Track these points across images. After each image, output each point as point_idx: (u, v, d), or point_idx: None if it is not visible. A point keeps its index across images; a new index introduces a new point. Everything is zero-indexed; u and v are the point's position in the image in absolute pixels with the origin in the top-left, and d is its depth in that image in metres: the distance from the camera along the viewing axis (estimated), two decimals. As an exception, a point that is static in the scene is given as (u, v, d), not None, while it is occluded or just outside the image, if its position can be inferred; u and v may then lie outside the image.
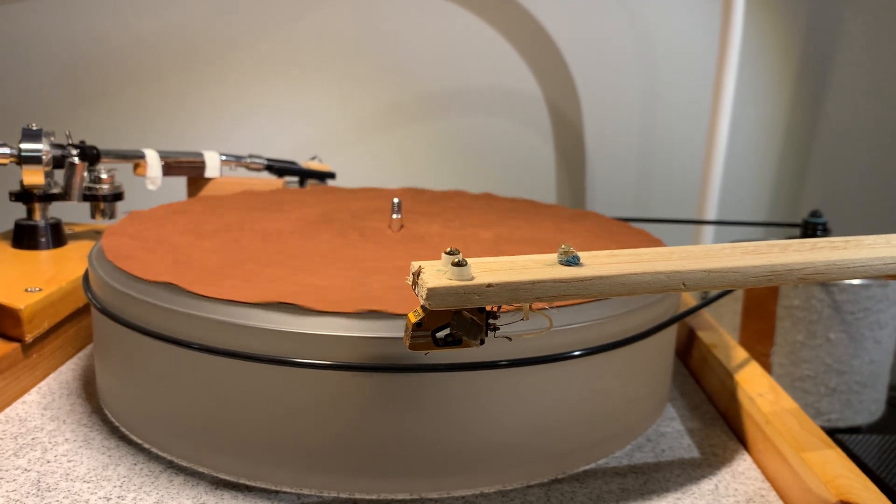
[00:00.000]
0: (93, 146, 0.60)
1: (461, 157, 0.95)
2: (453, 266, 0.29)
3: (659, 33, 0.93)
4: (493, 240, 0.50)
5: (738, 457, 0.43)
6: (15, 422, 0.43)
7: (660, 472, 0.41)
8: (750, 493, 0.39)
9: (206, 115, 0.91)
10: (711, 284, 0.31)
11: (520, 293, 0.29)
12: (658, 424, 0.46)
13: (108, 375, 0.43)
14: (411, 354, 0.35)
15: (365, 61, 0.92)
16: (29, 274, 0.52)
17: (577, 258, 0.30)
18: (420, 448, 0.36)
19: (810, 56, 0.95)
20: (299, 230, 0.50)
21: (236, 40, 0.89)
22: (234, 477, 0.38)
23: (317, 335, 0.35)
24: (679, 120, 0.96)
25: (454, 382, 0.36)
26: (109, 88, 0.89)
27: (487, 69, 0.93)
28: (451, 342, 0.30)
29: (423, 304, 0.29)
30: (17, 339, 0.47)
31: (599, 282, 0.29)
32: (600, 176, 0.96)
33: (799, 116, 0.97)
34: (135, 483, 0.37)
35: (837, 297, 0.62)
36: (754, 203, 0.99)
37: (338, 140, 0.93)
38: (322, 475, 0.37)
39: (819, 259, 0.32)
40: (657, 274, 0.30)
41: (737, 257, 0.32)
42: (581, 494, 0.38)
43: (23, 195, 0.59)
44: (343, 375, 0.35)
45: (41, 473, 0.38)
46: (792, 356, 0.64)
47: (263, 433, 0.37)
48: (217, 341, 0.36)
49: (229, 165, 0.71)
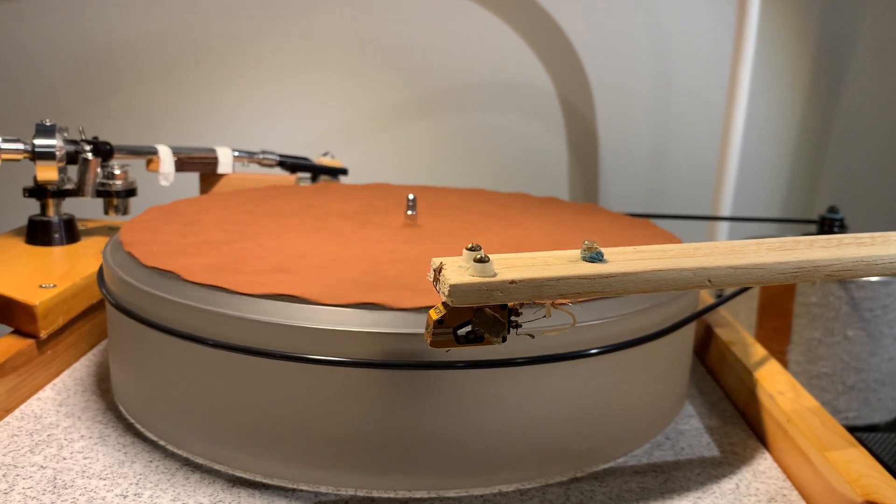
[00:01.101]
0: (106, 142, 0.60)
1: (473, 152, 0.94)
2: (475, 262, 0.28)
3: (672, 28, 0.93)
4: (513, 237, 0.49)
5: (759, 455, 0.43)
6: (30, 418, 0.43)
7: (679, 470, 0.40)
8: (772, 492, 0.39)
9: (218, 111, 0.91)
10: (738, 281, 0.30)
11: (543, 290, 0.28)
12: (676, 422, 0.46)
13: (122, 372, 0.43)
14: (430, 351, 0.34)
15: (377, 57, 0.91)
16: (43, 270, 0.52)
17: (600, 254, 0.30)
18: (438, 446, 0.36)
19: (825, 50, 0.94)
20: (317, 226, 0.50)
21: (248, 36, 0.89)
22: (250, 475, 0.38)
23: (335, 331, 0.35)
24: (693, 115, 0.95)
25: (473, 380, 0.36)
26: (122, 84, 0.89)
27: (499, 64, 0.92)
28: (473, 339, 0.30)
29: (444, 300, 0.28)
30: (31, 335, 0.46)
31: (624, 278, 0.29)
32: (613, 171, 0.96)
33: (814, 111, 0.96)
34: (151, 480, 0.37)
35: (855, 294, 0.61)
36: (769, 199, 0.98)
37: (350, 136, 0.93)
38: (339, 473, 0.36)
39: (846, 255, 0.32)
40: (682, 270, 0.29)
41: (763, 254, 0.31)
42: (601, 493, 0.38)
43: (36, 191, 0.58)
44: (361, 372, 0.35)
45: (57, 471, 0.38)
46: (809, 354, 0.63)
47: (280, 430, 0.36)
48: (233, 337, 0.36)
49: (242, 161, 0.71)
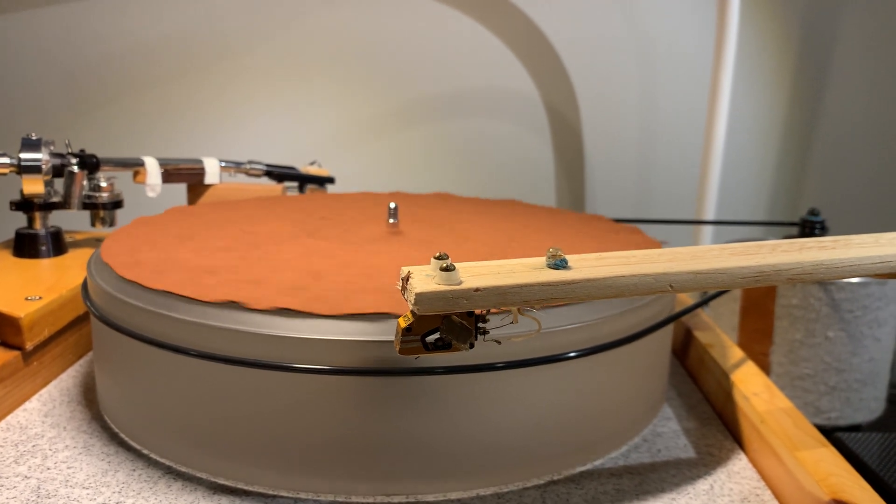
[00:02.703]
0: (92, 154, 0.61)
1: (460, 159, 0.95)
2: (441, 271, 0.29)
3: (655, 33, 0.93)
4: (487, 243, 0.50)
5: (734, 456, 0.43)
6: (16, 429, 0.43)
7: (655, 472, 0.41)
8: (745, 492, 0.40)
9: (205, 122, 0.91)
10: (699, 286, 0.31)
11: (508, 297, 0.29)
12: (655, 424, 0.47)
13: (107, 382, 0.44)
14: (405, 357, 0.35)
15: (362, 66, 0.92)
16: (29, 282, 0.53)
17: (564, 261, 0.31)
18: (416, 451, 0.37)
19: (807, 54, 0.95)
20: (297, 236, 0.51)
21: (234, 46, 0.90)
22: (231, 482, 0.38)
23: (313, 339, 0.35)
24: (677, 120, 0.96)
25: (450, 385, 0.36)
26: (108, 95, 0.89)
27: (485, 72, 0.93)
28: (441, 346, 0.30)
29: (411, 308, 0.29)
30: (17, 347, 0.47)
31: (587, 284, 0.30)
32: (599, 177, 0.97)
33: (797, 115, 0.97)
34: (133, 489, 0.38)
35: (836, 296, 0.62)
36: (753, 202, 0.99)
37: (337, 145, 0.93)
38: (319, 479, 0.37)
39: (807, 259, 0.32)
40: (644, 276, 0.30)
41: (725, 258, 0.32)
42: (576, 496, 0.38)
43: (23, 204, 0.59)
44: (339, 379, 0.36)
45: (41, 480, 0.38)
46: (791, 355, 0.64)
47: (260, 438, 0.37)
48: (213, 347, 0.37)
49: (229, 172, 0.71)
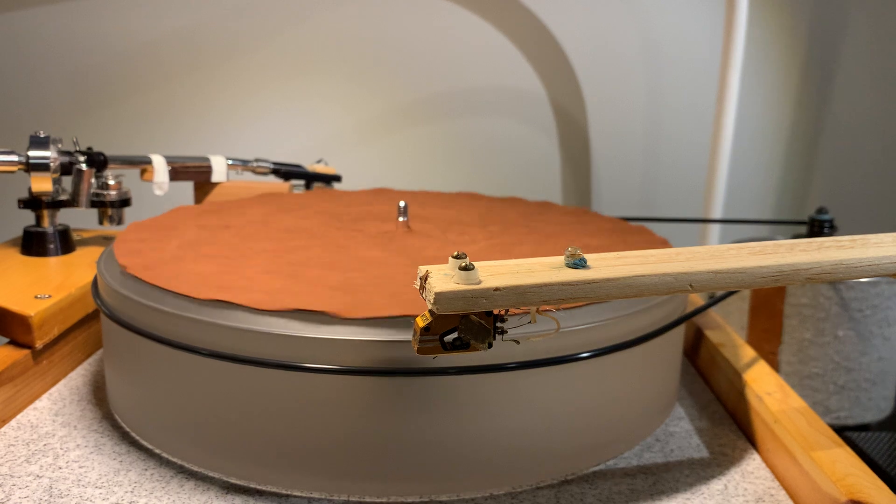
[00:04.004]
0: (100, 152, 0.61)
1: (466, 157, 0.95)
2: (460, 270, 0.29)
3: (663, 31, 0.93)
4: (498, 244, 0.50)
5: (747, 456, 0.43)
6: (27, 428, 0.43)
7: (669, 472, 0.41)
8: (759, 492, 0.39)
9: (211, 120, 0.91)
10: (718, 285, 0.31)
11: (527, 296, 0.29)
12: (667, 424, 0.46)
13: (117, 381, 0.44)
14: (420, 358, 0.35)
15: (368, 64, 0.92)
16: (38, 281, 0.52)
17: (583, 260, 0.30)
18: (430, 451, 0.36)
19: (815, 53, 0.95)
20: (306, 235, 0.50)
21: (240, 45, 0.90)
22: (244, 481, 0.38)
23: (326, 339, 0.35)
24: (684, 118, 0.96)
25: (464, 385, 0.36)
26: (115, 94, 0.89)
27: (491, 70, 0.93)
28: (459, 346, 0.30)
29: (430, 308, 0.29)
30: (27, 345, 0.47)
31: (606, 284, 0.29)
32: (606, 175, 0.96)
33: (804, 114, 0.97)
34: (146, 488, 0.38)
35: (845, 295, 0.62)
36: (760, 201, 0.99)
37: (343, 143, 0.93)
38: (332, 479, 0.37)
39: (826, 259, 0.32)
40: (664, 275, 0.30)
41: (744, 258, 0.32)
42: (590, 495, 0.38)
43: (31, 202, 0.59)
44: (352, 379, 0.36)
45: (53, 480, 0.38)
46: (800, 354, 0.64)
47: (273, 437, 0.37)
48: (225, 347, 0.37)
49: (236, 170, 0.71)
